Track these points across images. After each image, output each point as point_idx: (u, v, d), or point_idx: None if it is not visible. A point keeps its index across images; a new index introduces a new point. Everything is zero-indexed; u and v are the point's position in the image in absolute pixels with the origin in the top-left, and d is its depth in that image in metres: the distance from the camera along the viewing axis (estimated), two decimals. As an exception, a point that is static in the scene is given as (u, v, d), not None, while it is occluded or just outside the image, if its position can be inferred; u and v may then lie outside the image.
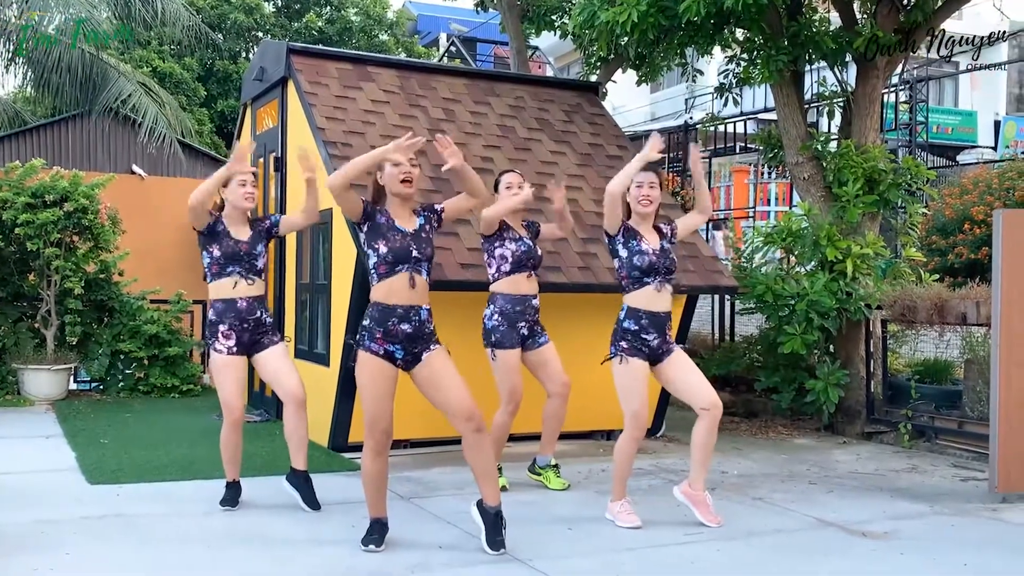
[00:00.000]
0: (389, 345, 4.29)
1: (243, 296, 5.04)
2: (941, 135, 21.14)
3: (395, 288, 4.28)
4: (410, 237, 4.35)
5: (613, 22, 7.52)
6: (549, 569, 4.21)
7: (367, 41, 24.58)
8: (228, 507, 5.13)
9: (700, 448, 5.02)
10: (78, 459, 6.27)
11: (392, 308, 4.28)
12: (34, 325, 9.28)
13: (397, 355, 4.33)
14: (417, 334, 4.31)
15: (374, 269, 4.33)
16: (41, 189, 8.89)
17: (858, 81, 8.32)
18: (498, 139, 7.90)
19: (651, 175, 5.04)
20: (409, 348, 4.33)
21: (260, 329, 5.12)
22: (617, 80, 11.46)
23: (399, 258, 4.29)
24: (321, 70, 7.80)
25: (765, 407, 8.77)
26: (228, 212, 5.16)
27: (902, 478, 6.41)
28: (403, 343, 4.30)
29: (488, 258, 5.69)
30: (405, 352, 4.33)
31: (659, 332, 4.97)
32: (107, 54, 15.45)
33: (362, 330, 4.34)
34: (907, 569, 4.39)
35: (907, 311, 7.47)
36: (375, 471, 4.37)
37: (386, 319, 4.27)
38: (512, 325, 5.57)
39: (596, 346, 6.84)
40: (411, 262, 4.31)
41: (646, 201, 5.03)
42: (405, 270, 4.29)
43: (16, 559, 4.16)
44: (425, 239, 4.41)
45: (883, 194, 8.05)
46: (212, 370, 5.12)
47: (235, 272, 5.04)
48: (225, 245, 5.05)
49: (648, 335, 4.95)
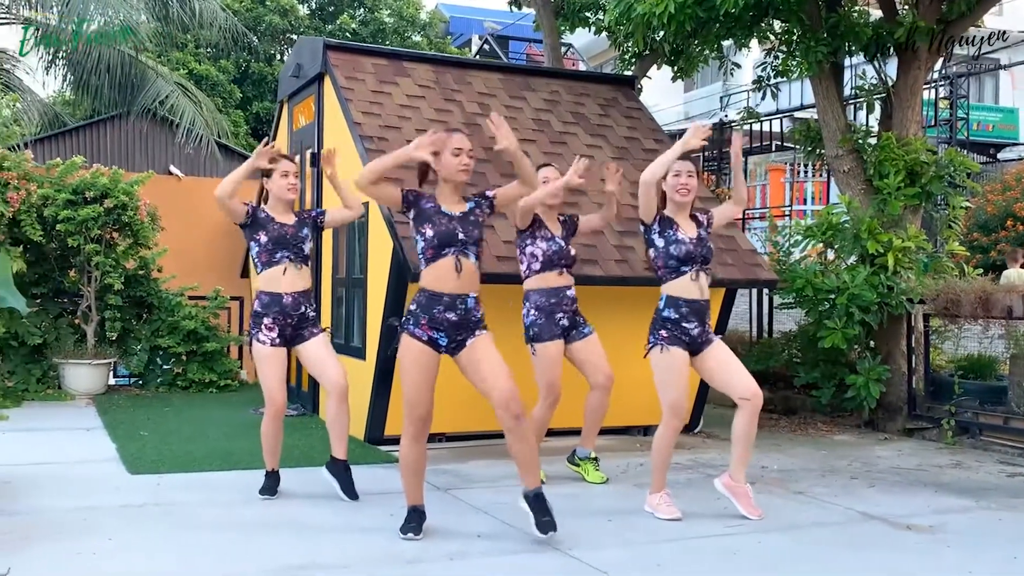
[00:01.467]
0: (433, 332, 4.30)
1: (289, 291, 5.07)
2: (982, 132, 20.83)
3: (442, 273, 4.29)
4: (456, 220, 4.36)
5: (650, 14, 7.47)
6: (588, 559, 4.18)
7: (400, 42, 24.70)
8: (267, 496, 5.14)
9: (741, 440, 4.94)
10: (118, 450, 6.32)
11: (439, 296, 4.28)
12: (75, 321, 9.39)
13: (441, 342, 4.33)
14: (462, 322, 4.31)
15: (422, 254, 4.35)
16: (82, 186, 9.00)
17: (899, 72, 8.21)
18: (534, 133, 7.88)
19: (688, 164, 4.98)
20: (453, 335, 4.33)
21: (303, 323, 5.14)
22: (651, 77, 11.40)
23: (445, 241, 4.30)
24: (357, 66, 7.83)
25: (804, 404, 8.66)
26: (272, 204, 5.23)
27: (946, 473, 6.30)
28: (447, 331, 4.30)
29: (520, 255, 5.68)
30: (449, 339, 4.33)
31: (699, 320, 4.91)
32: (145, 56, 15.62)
33: (408, 314, 4.35)
34: (955, 562, 4.30)
35: (950, 305, 7.34)
36: (413, 457, 4.36)
37: (432, 306, 4.28)
38: (549, 317, 5.54)
39: (631, 340, 6.79)
40: (457, 245, 4.31)
41: (684, 190, 4.97)
42: (452, 253, 4.29)
43: (60, 544, 4.20)
44: (473, 222, 4.40)
45: (925, 187, 7.94)
46: (255, 360, 5.16)
47: (284, 257, 5.09)
48: (271, 229, 5.10)
49: (688, 323, 4.89)
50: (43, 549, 4.12)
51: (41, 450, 6.35)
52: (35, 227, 8.82)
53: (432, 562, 4.09)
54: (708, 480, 5.90)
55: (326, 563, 4.05)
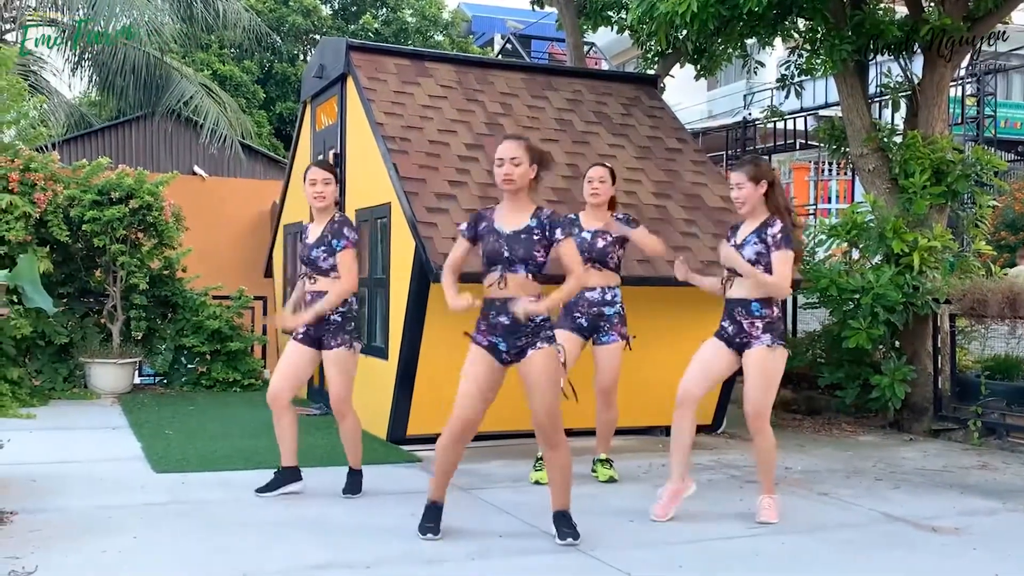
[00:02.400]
0: (492, 337, 4.33)
1: (310, 290, 5.20)
2: (1009, 130, 20.58)
3: (491, 285, 4.36)
4: (504, 239, 4.33)
5: (672, 13, 7.43)
6: (610, 559, 4.17)
7: (422, 42, 24.76)
8: (262, 493, 5.18)
9: (755, 456, 5.00)
10: (143, 449, 6.37)
11: (491, 300, 4.35)
12: (100, 320, 9.47)
13: (500, 347, 4.33)
14: (515, 326, 4.29)
15: (484, 267, 4.41)
16: (107, 186, 9.07)
17: (925, 70, 8.13)
18: (556, 132, 7.87)
19: (737, 175, 4.90)
20: (512, 341, 4.31)
21: (324, 326, 5.14)
22: (674, 75, 11.35)
23: (492, 259, 4.34)
24: (380, 66, 7.85)
25: (828, 404, 8.60)
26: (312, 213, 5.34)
27: (972, 475, 6.23)
28: (504, 336, 4.31)
29: None
30: (508, 345, 4.32)
31: (730, 319, 4.88)
32: (169, 57, 15.75)
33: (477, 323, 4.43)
34: (981, 564, 4.26)
35: (977, 305, 7.27)
36: (449, 457, 4.39)
37: (488, 311, 4.35)
38: (566, 314, 5.63)
39: (654, 340, 6.78)
40: (503, 263, 4.32)
41: (738, 203, 4.94)
42: (499, 271, 4.33)
43: (85, 541, 4.24)
44: (525, 240, 4.31)
45: (951, 185, 7.86)
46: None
47: (303, 274, 5.28)
48: (298, 247, 5.23)
49: (723, 320, 4.92)
50: (68, 548, 4.16)
51: (67, 449, 6.41)
52: (61, 227, 8.91)
53: (453, 562, 4.10)
54: (730, 480, 5.88)
55: (347, 562, 4.06)
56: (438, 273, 6.04)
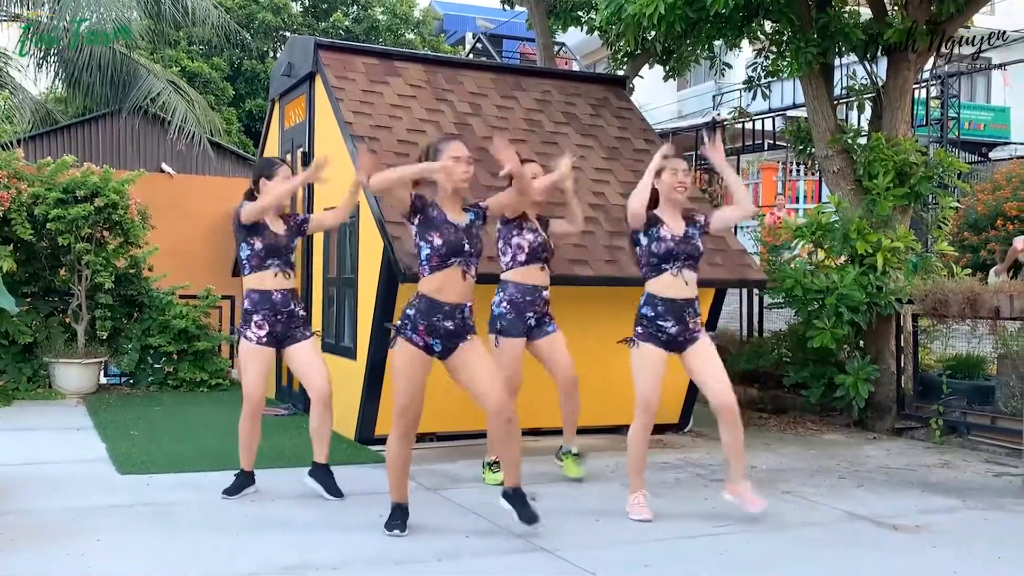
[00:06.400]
0: (430, 339, 4.36)
1: (279, 288, 5.13)
2: (973, 131, 20.89)
3: (448, 282, 4.34)
4: (462, 231, 4.40)
5: (640, 14, 7.48)
6: (577, 559, 4.20)
7: (394, 40, 24.68)
8: (228, 495, 5.14)
9: (729, 450, 5.03)
10: (108, 450, 6.32)
11: (440, 304, 4.34)
12: (65, 320, 9.37)
13: (435, 348, 4.41)
14: (458, 330, 4.39)
15: (426, 261, 4.37)
16: (72, 184, 8.98)
17: (889, 73, 8.23)
18: (524, 133, 7.89)
19: (683, 163, 5.06)
20: (447, 343, 4.40)
21: (293, 322, 5.16)
22: (644, 76, 11.41)
23: (452, 251, 4.35)
24: (348, 65, 7.83)
25: (794, 403, 8.69)
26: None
27: (934, 473, 6.33)
28: (443, 338, 4.38)
29: (504, 245, 5.64)
30: (443, 346, 4.41)
31: (677, 320, 4.90)
32: (137, 53, 15.59)
33: (405, 318, 4.38)
34: (940, 562, 4.34)
35: (939, 305, 7.37)
36: (401, 456, 4.45)
37: (432, 314, 4.34)
38: (520, 314, 5.56)
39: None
40: (463, 256, 4.36)
41: (681, 188, 5.00)
42: (458, 264, 4.35)
43: (49, 544, 4.21)
44: (475, 235, 4.46)
45: (914, 187, 7.96)
46: (240, 357, 5.17)
47: (274, 264, 5.15)
48: (266, 238, 5.16)
49: (664, 322, 4.90)
50: (31, 550, 4.12)
51: (30, 450, 6.35)
52: (25, 226, 8.80)
53: (421, 562, 4.11)
54: (697, 479, 5.94)
55: (317, 563, 4.07)
56: (406, 273, 6.05)
